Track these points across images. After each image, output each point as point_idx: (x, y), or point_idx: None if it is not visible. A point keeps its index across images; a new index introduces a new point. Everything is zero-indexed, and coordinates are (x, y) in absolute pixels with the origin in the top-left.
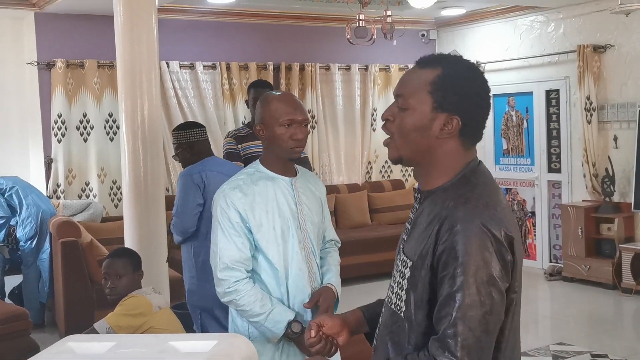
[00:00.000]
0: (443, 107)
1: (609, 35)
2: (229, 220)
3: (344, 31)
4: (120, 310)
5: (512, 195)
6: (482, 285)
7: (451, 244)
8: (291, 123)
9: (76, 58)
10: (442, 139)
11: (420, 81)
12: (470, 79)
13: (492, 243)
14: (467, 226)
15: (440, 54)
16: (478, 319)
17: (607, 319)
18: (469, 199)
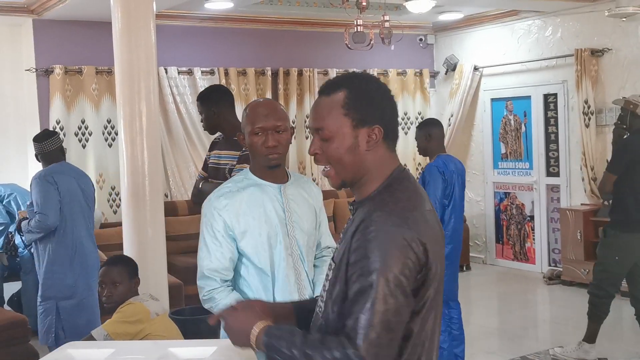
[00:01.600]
0: (362, 122)
1: (607, 39)
2: (212, 228)
3: (342, 36)
4: (117, 317)
5: (511, 200)
6: (387, 284)
7: (362, 243)
8: (261, 131)
9: (74, 64)
10: (371, 150)
11: (331, 107)
12: (375, 88)
13: (402, 246)
14: (379, 227)
15: (338, 77)
16: (380, 316)
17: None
18: (387, 203)
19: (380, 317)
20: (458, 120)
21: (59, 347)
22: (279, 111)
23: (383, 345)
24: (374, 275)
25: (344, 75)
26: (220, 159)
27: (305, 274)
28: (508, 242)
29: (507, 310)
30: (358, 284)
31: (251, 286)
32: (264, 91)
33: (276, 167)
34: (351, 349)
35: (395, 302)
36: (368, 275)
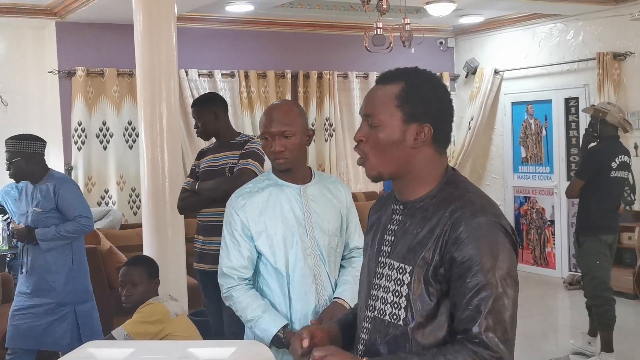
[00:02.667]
0: (413, 117)
1: (629, 42)
2: (230, 227)
3: (362, 39)
4: (137, 317)
5: (531, 204)
6: (503, 279)
7: (467, 244)
8: (269, 136)
9: (96, 66)
10: (417, 149)
11: (386, 97)
12: (433, 87)
13: (504, 236)
14: (480, 225)
15: (399, 69)
16: (505, 312)
17: (627, 328)
18: (471, 201)
19: (506, 315)
20: (478, 124)
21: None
22: (288, 115)
23: (513, 340)
24: (490, 273)
25: (405, 69)
26: (217, 161)
27: (325, 275)
28: (528, 247)
29: (527, 315)
30: (474, 285)
31: (269, 285)
32: (283, 94)
33: (287, 171)
34: (486, 352)
35: (513, 295)
36: (484, 274)
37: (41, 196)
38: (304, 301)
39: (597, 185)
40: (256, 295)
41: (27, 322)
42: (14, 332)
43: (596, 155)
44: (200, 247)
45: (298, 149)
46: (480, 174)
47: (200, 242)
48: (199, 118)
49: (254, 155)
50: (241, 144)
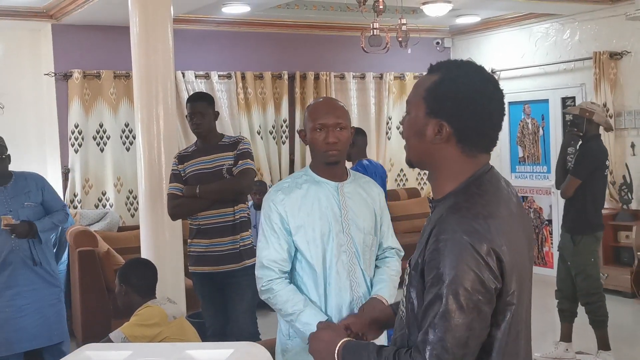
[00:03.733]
0: (434, 113)
1: (625, 41)
2: (270, 221)
3: (359, 40)
4: (135, 320)
5: (529, 203)
6: (457, 298)
7: (434, 253)
8: (322, 127)
9: (93, 69)
10: (438, 145)
11: (420, 87)
12: (467, 85)
13: (473, 256)
14: (450, 236)
15: (448, 60)
16: (449, 329)
17: (625, 327)
18: (460, 209)
19: (450, 333)
20: None
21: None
22: (339, 109)
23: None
24: (443, 288)
25: (453, 61)
26: (210, 164)
27: (360, 272)
28: None
29: None
30: (429, 295)
31: (304, 282)
32: (280, 95)
33: (335, 164)
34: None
35: (466, 317)
36: (438, 287)
37: (23, 193)
38: (339, 297)
39: (592, 184)
40: (296, 290)
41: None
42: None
43: (592, 154)
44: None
45: (347, 142)
46: None
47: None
48: (203, 114)
49: (250, 155)
50: (232, 144)
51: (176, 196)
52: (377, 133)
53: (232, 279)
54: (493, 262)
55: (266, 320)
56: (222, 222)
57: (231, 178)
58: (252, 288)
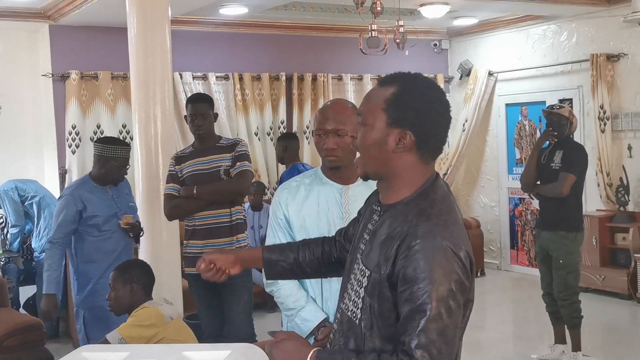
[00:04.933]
0: (397, 123)
1: (623, 44)
2: (275, 217)
3: (357, 41)
4: (132, 321)
5: (526, 205)
6: (443, 300)
7: (412, 260)
8: (323, 133)
9: (90, 70)
10: (398, 153)
11: (378, 99)
12: (425, 95)
13: (452, 259)
14: (428, 243)
15: (399, 73)
16: (440, 331)
17: (622, 329)
18: (430, 216)
19: (440, 333)
20: (472, 126)
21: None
22: (343, 113)
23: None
24: (427, 293)
25: (403, 73)
26: (207, 165)
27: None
28: (523, 248)
29: (522, 317)
30: (411, 302)
31: (303, 283)
32: (278, 96)
33: (337, 168)
34: None
35: (451, 317)
36: (421, 292)
37: (125, 193)
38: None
39: (581, 182)
40: (300, 286)
41: None
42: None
43: (582, 152)
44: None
45: (349, 148)
46: (474, 175)
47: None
48: (204, 116)
49: (248, 157)
50: (229, 146)
51: (173, 197)
52: None
53: (228, 280)
54: (468, 264)
55: (262, 322)
56: (218, 223)
57: (229, 179)
58: (248, 290)
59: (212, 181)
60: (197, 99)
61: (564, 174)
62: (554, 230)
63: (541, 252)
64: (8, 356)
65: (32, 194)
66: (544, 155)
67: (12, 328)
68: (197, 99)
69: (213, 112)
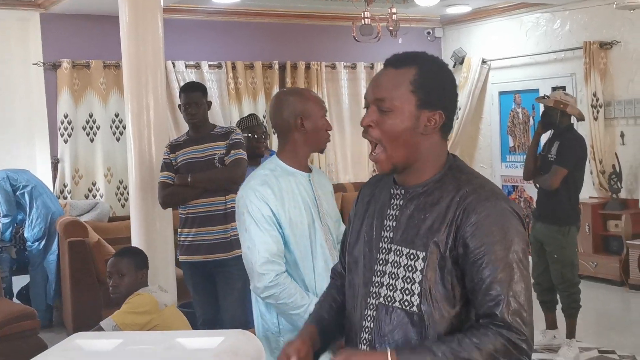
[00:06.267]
0: (427, 104)
1: (615, 31)
2: (261, 215)
3: (350, 29)
4: (126, 308)
5: (519, 193)
6: (519, 261)
7: (482, 227)
8: (324, 115)
9: (82, 58)
10: (427, 135)
11: (400, 81)
12: (445, 74)
13: (516, 220)
14: (492, 210)
15: (411, 53)
16: (525, 292)
17: (614, 315)
18: (482, 185)
19: (525, 296)
20: (466, 114)
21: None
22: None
23: (532, 321)
24: (508, 257)
25: (416, 53)
26: (202, 153)
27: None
28: None
29: None
30: (493, 268)
31: (290, 273)
32: (271, 85)
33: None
34: (513, 334)
35: (528, 277)
36: (501, 260)
37: None
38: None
39: (577, 174)
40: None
41: None
42: None
43: (577, 144)
44: (192, 239)
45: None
46: (468, 163)
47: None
48: (198, 104)
49: (242, 145)
50: (224, 134)
51: (167, 185)
52: None
53: (223, 268)
54: (522, 218)
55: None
56: (212, 211)
57: (224, 167)
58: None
59: (206, 169)
60: (190, 87)
61: (556, 167)
62: (547, 224)
63: (535, 243)
64: (2, 345)
65: (23, 184)
66: (545, 145)
67: (6, 317)
68: (190, 88)
69: (206, 100)
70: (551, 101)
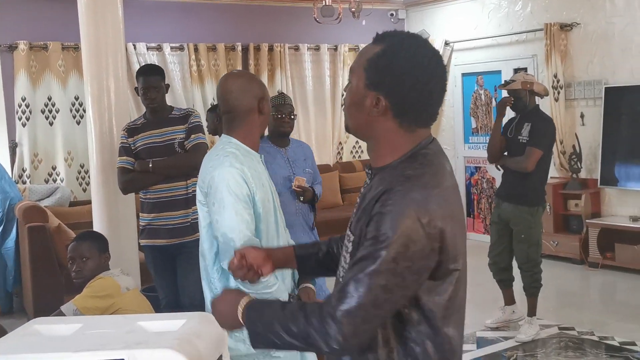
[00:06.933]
0: (373, 85)
1: (575, 13)
2: (242, 192)
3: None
4: (87, 292)
5: (482, 174)
6: (388, 261)
7: (378, 216)
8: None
9: (39, 40)
10: (375, 117)
11: (363, 57)
12: (409, 59)
13: (414, 225)
14: (397, 202)
15: (394, 31)
16: (371, 288)
17: (574, 293)
18: (410, 178)
19: (372, 292)
20: None
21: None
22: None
23: (365, 319)
24: (379, 249)
25: (398, 33)
26: (161, 137)
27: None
28: (479, 216)
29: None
30: (363, 252)
31: None
32: (234, 67)
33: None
34: (329, 317)
35: (391, 280)
36: (374, 247)
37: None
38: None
39: (547, 155)
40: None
41: None
42: None
43: (550, 126)
44: (151, 223)
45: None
46: None
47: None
48: (158, 88)
49: (202, 129)
50: (182, 117)
51: (127, 170)
52: (332, 105)
53: (184, 249)
54: (434, 232)
55: None
56: (174, 195)
57: (185, 153)
58: None
59: (167, 154)
60: (149, 70)
61: (531, 148)
62: (516, 204)
63: (500, 222)
64: None
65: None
66: (511, 127)
67: None
68: (149, 71)
69: (164, 83)
70: (518, 84)
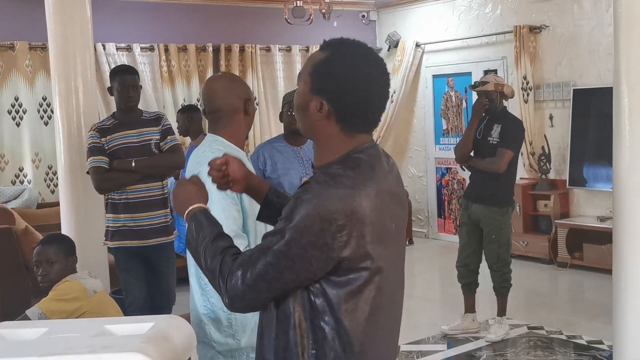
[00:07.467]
0: (316, 90)
1: (544, 15)
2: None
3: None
4: (53, 295)
5: (452, 175)
6: (286, 243)
7: (291, 205)
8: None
9: (6, 40)
10: (319, 121)
11: (309, 62)
12: (352, 67)
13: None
14: (310, 197)
15: (339, 39)
16: (265, 264)
17: (543, 292)
18: (332, 176)
19: (264, 265)
20: (400, 97)
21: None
22: None
23: (253, 288)
24: (283, 231)
25: (343, 40)
26: (138, 137)
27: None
28: (449, 217)
29: (448, 283)
30: (274, 228)
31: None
32: (205, 68)
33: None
34: (229, 274)
35: (283, 262)
36: (280, 226)
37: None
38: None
39: (516, 157)
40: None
41: None
42: None
43: (520, 127)
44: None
45: None
46: (402, 146)
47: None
48: (136, 87)
49: (173, 131)
50: (154, 120)
51: (104, 169)
52: None
53: (163, 252)
54: (332, 229)
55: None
56: (153, 195)
57: (166, 153)
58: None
59: (144, 154)
60: (127, 70)
61: (502, 149)
62: (486, 205)
63: (470, 224)
64: None
65: None
66: (480, 129)
67: None
68: (127, 71)
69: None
70: (491, 85)
